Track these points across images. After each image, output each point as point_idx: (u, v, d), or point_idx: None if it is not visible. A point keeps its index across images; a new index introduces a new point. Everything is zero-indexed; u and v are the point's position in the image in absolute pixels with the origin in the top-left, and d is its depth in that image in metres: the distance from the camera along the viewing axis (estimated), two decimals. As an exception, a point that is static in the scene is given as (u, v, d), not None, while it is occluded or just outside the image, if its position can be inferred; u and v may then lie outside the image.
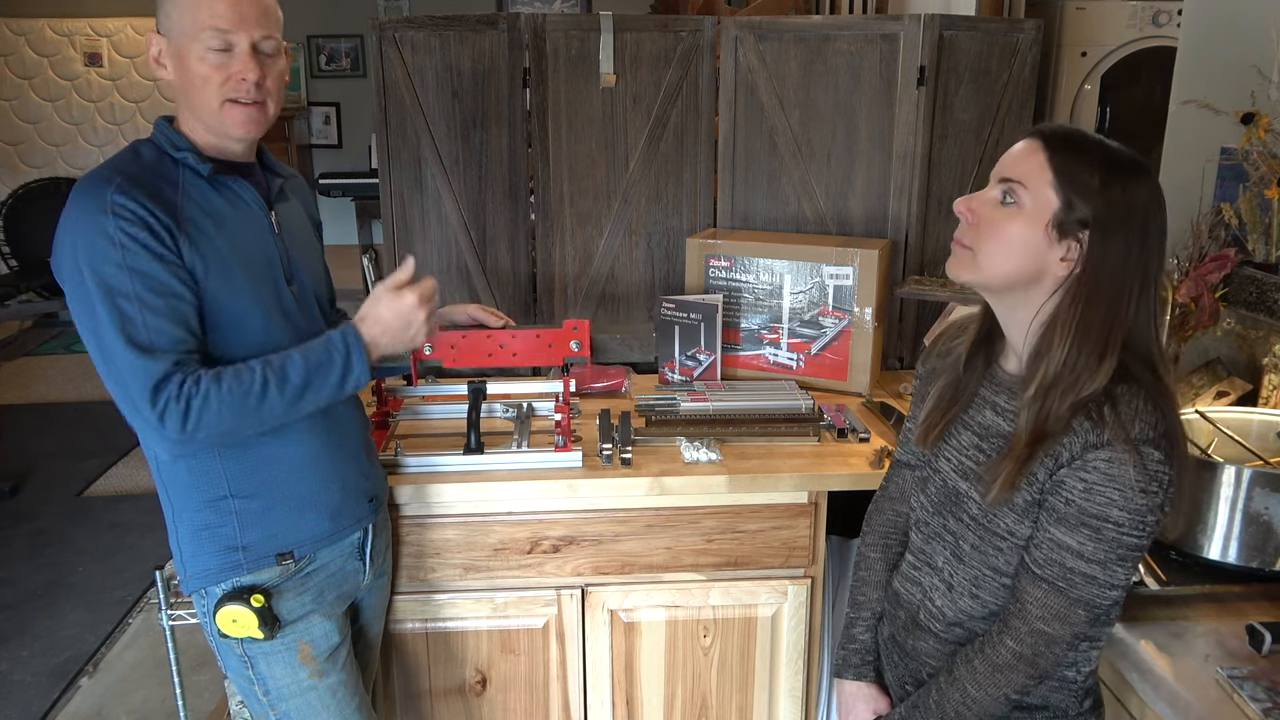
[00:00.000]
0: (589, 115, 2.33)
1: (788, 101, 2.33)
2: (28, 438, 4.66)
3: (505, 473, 1.77)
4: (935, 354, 1.35)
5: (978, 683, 1.17)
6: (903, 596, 1.33)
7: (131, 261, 1.26)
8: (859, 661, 1.40)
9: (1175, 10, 3.08)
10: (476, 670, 1.86)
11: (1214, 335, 1.92)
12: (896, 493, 1.42)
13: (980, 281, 1.17)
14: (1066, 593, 1.11)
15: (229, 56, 1.34)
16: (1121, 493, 1.06)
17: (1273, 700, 1.18)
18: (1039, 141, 1.13)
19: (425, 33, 2.27)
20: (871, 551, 1.42)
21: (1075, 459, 1.09)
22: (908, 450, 1.41)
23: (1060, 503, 1.10)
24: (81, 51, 6.78)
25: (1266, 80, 1.89)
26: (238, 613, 1.39)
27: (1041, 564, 1.12)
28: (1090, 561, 1.09)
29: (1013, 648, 1.14)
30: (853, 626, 1.42)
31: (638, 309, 2.47)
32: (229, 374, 1.30)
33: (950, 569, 1.24)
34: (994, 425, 1.21)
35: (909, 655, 1.31)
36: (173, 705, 2.08)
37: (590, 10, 7.16)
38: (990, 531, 1.18)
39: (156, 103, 6.89)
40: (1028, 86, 2.35)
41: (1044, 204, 1.11)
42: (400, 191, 2.37)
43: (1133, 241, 1.09)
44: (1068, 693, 1.21)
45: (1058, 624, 1.12)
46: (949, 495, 1.25)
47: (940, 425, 1.27)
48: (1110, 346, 1.09)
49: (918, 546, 1.32)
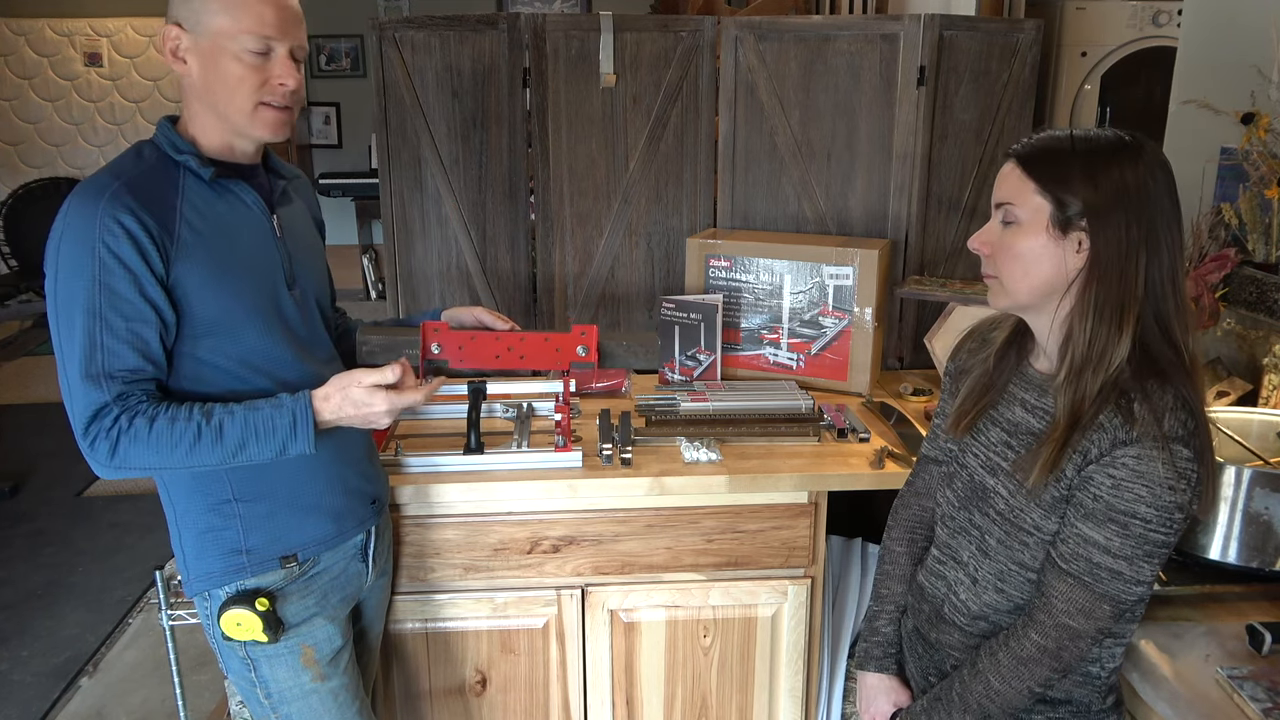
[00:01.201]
0: (589, 115, 2.33)
1: (788, 101, 2.33)
2: (28, 438, 4.66)
3: (505, 473, 1.77)
4: (966, 350, 1.37)
5: (1001, 675, 1.18)
6: (927, 590, 1.34)
7: (106, 279, 1.25)
8: (881, 654, 1.41)
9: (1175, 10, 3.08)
10: (476, 670, 1.86)
11: (1214, 335, 1.92)
12: (923, 488, 1.43)
13: (1013, 304, 1.21)
14: (1092, 587, 1.12)
15: (266, 60, 1.33)
16: (1150, 489, 1.08)
17: (1273, 700, 1.18)
18: (1013, 161, 1.17)
19: (425, 33, 2.27)
20: (897, 546, 1.43)
21: (1104, 455, 1.10)
22: (935, 446, 1.43)
23: (1088, 498, 1.11)
24: (81, 51, 6.77)
25: (1266, 80, 1.89)
26: (242, 616, 1.39)
27: (1068, 559, 1.13)
28: (1117, 557, 1.10)
29: (1037, 641, 1.15)
30: (876, 619, 1.43)
31: (638, 309, 2.47)
32: (164, 418, 1.29)
33: (975, 563, 1.25)
34: (1023, 422, 1.22)
35: (933, 647, 1.32)
36: (173, 705, 2.08)
37: (590, 10, 7.16)
38: (1016, 526, 1.19)
39: (156, 103, 6.88)
40: (1028, 86, 2.35)
41: (1037, 211, 1.14)
42: (400, 191, 2.37)
43: (1130, 216, 1.10)
44: (1091, 688, 1.22)
45: (1082, 618, 1.13)
46: (976, 490, 1.27)
47: (972, 414, 1.28)
48: (1126, 318, 1.11)
49: (943, 541, 1.33)
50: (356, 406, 1.37)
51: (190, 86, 1.35)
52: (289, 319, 1.43)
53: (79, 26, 6.74)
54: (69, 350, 1.28)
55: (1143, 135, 1.15)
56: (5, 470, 4.19)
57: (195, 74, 1.34)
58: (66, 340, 1.27)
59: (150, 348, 1.30)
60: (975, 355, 1.33)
